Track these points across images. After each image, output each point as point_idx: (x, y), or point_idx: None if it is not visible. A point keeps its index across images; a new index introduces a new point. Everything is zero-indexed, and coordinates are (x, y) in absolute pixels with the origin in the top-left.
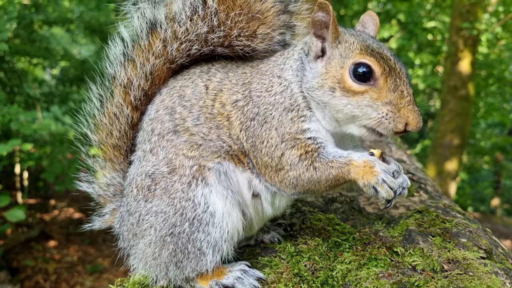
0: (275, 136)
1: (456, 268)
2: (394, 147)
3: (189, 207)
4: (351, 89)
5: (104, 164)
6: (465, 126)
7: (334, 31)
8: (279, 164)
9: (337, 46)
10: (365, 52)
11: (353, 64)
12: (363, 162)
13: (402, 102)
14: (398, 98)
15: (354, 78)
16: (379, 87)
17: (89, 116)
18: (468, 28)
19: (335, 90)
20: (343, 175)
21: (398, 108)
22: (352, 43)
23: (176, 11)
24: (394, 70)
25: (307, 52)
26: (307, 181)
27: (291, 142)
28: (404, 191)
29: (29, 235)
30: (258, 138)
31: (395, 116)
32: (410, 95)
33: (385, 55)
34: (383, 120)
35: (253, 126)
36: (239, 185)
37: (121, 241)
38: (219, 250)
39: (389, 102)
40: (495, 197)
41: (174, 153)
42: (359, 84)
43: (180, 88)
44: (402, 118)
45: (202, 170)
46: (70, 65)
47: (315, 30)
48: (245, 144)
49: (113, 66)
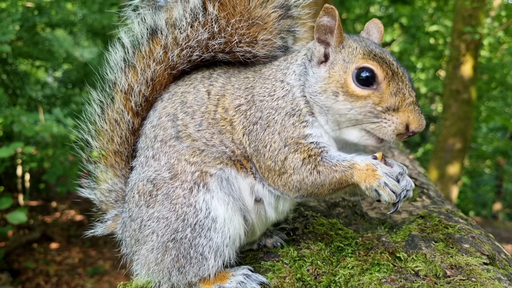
0: (278, 140)
1: (459, 274)
2: (396, 152)
3: (191, 213)
4: (354, 93)
5: (106, 170)
6: (467, 130)
7: (339, 36)
8: (282, 168)
9: (340, 51)
10: (368, 56)
11: (356, 69)
12: (366, 165)
13: (403, 104)
14: (400, 101)
15: (357, 83)
16: (382, 91)
17: (90, 123)
18: (470, 32)
19: (338, 95)
20: (347, 179)
21: (398, 110)
22: (355, 48)
23: (176, 17)
24: (397, 74)
25: (310, 58)
26: (310, 184)
27: (294, 146)
28: (409, 193)
29: (31, 237)
30: (261, 142)
31: (394, 118)
32: (412, 97)
33: (388, 59)
34: (383, 124)
35: (255, 130)
36: (240, 192)
37: (124, 247)
38: (221, 255)
39: (390, 106)
40: (496, 201)
41: (176, 158)
42: (362, 88)
43: (182, 94)
44: (402, 119)
45: (204, 176)
46: (73, 67)
47: (319, 35)
48: (248, 148)
49: (114, 72)
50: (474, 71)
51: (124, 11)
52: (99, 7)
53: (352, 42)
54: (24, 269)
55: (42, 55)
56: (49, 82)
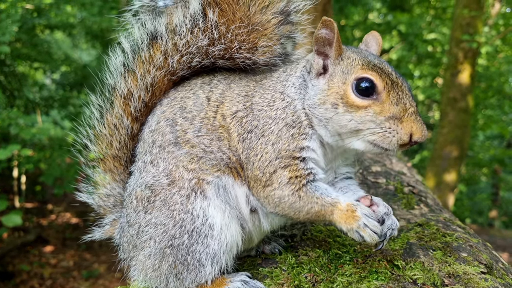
0: (271, 151)
1: (456, 283)
2: (394, 160)
3: (188, 220)
4: (354, 104)
5: (104, 175)
6: (464, 138)
7: (338, 48)
8: (269, 180)
9: (339, 63)
10: (367, 67)
11: (355, 79)
12: (347, 205)
13: (405, 114)
14: (401, 111)
15: (357, 93)
16: (382, 101)
17: (89, 127)
18: (468, 41)
19: (338, 106)
20: (325, 214)
21: (401, 121)
22: (354, 59)
23: (176, 23)
24: (396, 84)
25: (309, 70)
26: (288, 205)
27: (285, 161)
28: (394, 232)
29: (26, 239)
30: (253, 151)
31: (398, 129)
32: (413, 107)
33: (387, 69)
34: (387, 134)
35: (249, 138)
36: (237, 200)
37: (121, 252)
38: (218, 261)
39: (392, 116)
40: (493, 209)
41: (174, 164)
42: (362, 98)
43: (181, 100)
44: (406, 129)
45: (201, 183)
46: (71, 69)
47: (318, 47)
48: (241, 156)
49: (113, 77)
50: (472, 79)
51: (124, 16)
52: (98, 9)
53: (351, 53)
54: (19, 271)
55: (41, 57)
56: (47, 84)
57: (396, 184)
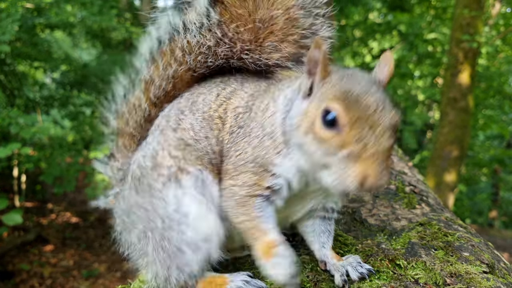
0: (250, 153)
1: (458, 282)
2: (396, 159)
3: (161, 205)
4: (318, 134)
5: (119, 150)
6: (464, 138)
7: (323, 71)
8: (235, 176)
9: (322, 86)
10: (339, 97)
11: (324, 109)
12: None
13: (363, 154)
14: (360, 150)
15: (323, 124)
16: (343, 136)
17: (114, 103)
18: (468, 41)
19: (308, 134)
20: (251, 236)
21: (357, 161)
22: (332, 85)
23: (190, 21)
24: (367, 119)
25: (300, 88)
26: (232, 205)
27: (258, 169)
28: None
29: (26, 239)
30: (235, 146)
31: (352, 169)
32: (375, 147)
33: (365, 102)
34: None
35: (237, 132)
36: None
37: (116, 225)
38: (199, 249)
39: (350, 154)
40: (493, 209)
41: (161, 146)
42: (325, 130)
43: (197, 95)
44: (359, 171)
45: (180, 172)
46: (71, 69)
47: (309, 67)
48: (224, 147)
49: (140, 62)
50: (472, 79)
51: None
52: (98, 9)
53: (335, 77)
54: (19, 270)
55: (41, 56)
56: (47, 83)
57: (397, 183)
